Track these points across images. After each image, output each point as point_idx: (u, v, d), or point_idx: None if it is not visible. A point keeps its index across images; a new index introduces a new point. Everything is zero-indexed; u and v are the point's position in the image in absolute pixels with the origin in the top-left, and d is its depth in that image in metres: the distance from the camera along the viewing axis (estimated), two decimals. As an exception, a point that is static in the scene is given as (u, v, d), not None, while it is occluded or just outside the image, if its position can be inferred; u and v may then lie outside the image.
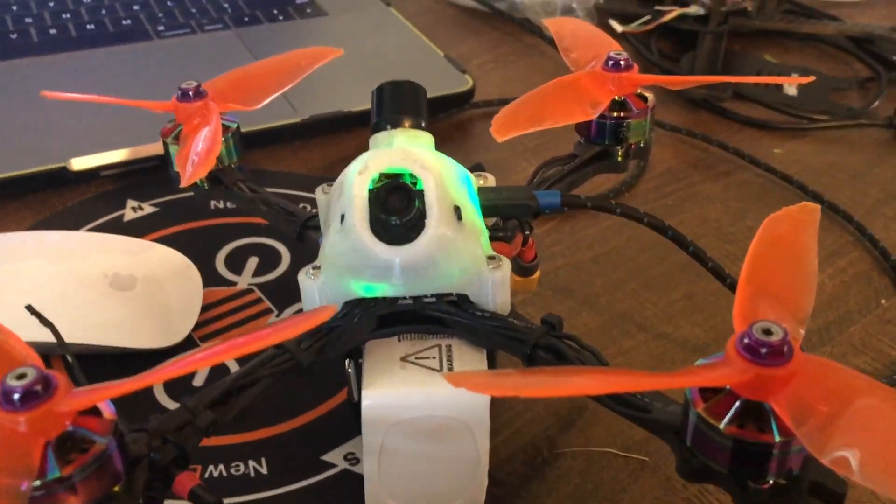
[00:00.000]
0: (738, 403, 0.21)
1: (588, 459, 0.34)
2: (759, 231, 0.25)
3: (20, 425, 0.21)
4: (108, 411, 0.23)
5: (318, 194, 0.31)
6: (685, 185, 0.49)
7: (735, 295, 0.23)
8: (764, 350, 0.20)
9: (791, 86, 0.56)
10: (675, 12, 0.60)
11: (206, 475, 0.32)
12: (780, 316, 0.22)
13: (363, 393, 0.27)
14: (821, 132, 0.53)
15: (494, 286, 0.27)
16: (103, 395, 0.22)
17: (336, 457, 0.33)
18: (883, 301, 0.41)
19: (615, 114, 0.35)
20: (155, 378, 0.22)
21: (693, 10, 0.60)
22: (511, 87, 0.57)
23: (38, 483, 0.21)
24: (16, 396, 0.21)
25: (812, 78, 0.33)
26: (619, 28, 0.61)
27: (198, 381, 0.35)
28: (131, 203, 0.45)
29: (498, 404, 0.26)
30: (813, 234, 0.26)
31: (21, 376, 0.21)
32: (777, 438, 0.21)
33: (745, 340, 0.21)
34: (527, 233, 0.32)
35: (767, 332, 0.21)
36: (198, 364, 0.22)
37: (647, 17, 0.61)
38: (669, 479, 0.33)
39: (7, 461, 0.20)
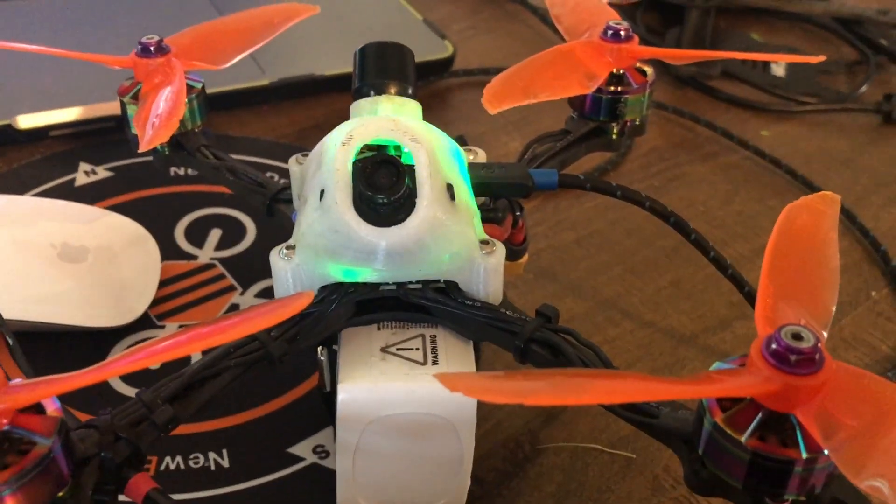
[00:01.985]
0: (760, 414, 0.19)
1: (572, 455, 0.32)
2: (778, 222, 0.23)
3: (-52, 425, 0.18)
4: (52, 407, 0.20)
5: (292, 164, 0.28)
6: (671, 164, 0.47)
7: (756, 293, 0.21)
8: (794, 357, 0.18)
9: (779, 66, 0.54)
10: (662, -16, 0.58)
11: (162, 468, 0.29)
12: (803, 318, 0.20)
13: (339, 386, 0.24)
14: (809, 115, 0.52)
15: (487, 273, 0.25)
16: (47, 392, 0.19)
17: (304, 449, 0.30)
18: (873, 293, 0.40)
19: (612, 88, 0.32)
20: (108, 372, 0.19)
21: (681, -17, 0.58)
22: (492, 55, 0.54)
23: (-32, 491, 0.18)
24: (-57, 393, 0.18)
25: (823, 57, 0.31)
26: (604, -1, 0.58)
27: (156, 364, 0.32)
28: (84, 167, 0.42)
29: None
30: (834, 226, 0.24)
31: (-50, 369, 0.18)
32: (804, 455, 0.19)
33: (773, 346, 0.19)
34: (518, 214, 0.29)
35: (797, 337, 0.19)
36: (158, 357, 0.19)
37: (634, -11, 0.58)
38: (657, 478, 0.31)
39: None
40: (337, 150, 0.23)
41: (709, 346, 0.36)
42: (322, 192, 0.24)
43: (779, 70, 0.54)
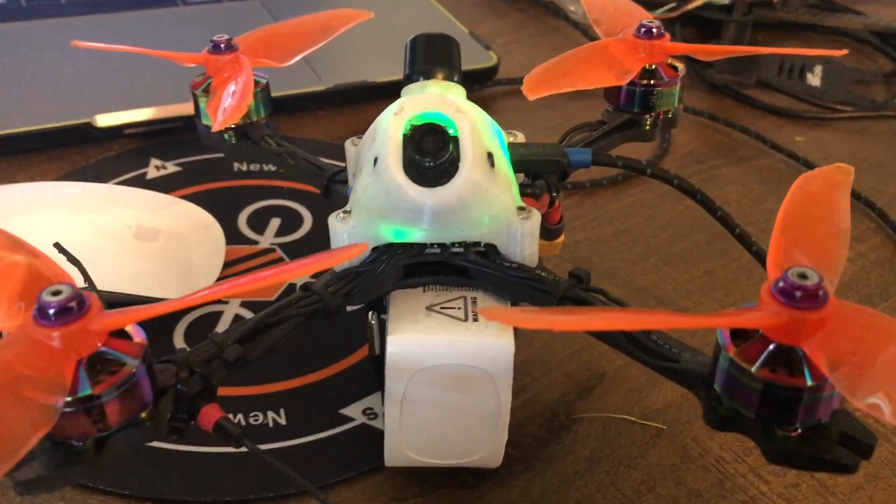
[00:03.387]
0: (770, 347, 0.21)
1: (605, 425, 0.34)
2: (793, 188, 0.25)
3: (54, 340, 0.21)
4: (138, 336, 0.23)
5: (348, 146, 0.31)
6: (707, 167, 0.49)
7: (767, 248, 0.23)
8: (799, 293, 0.20)
9: (815, 76, 0.56)
10: (700, 0, 0.60)
11: (225, 423, 0.32)
12: (813, 265, 0.22)
13: (388, 339, 0.27)
14: (843, 122, 0.53)
15: (524, 237, 0.27)
16: (136, 317, 0.22)
17: (354, 411, 0.33)
18: (903, 286, 0.41)
19: (645, 81, 0.35)
20: (186, 302, 0.22)
21: (718, -2, 0.60)
22: (534, 66, 0.56)
23: (69, 399, 0.21)
24: (51, 311, 0.21)
25: (845, 51, 0.33)
26: (643, 14, 0.61)
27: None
28: (155, 162, 0.45)
29: (517, 368, 0.26)
30: (846, 194, 0.25)
31: (56, 293, 0.21)
32: (809, 382, 0.21)
33: (780, 284, 0.21)
34: (554, 194, 0.31)
35: (803, 276, 0.21)
36: (236, 290, 0.22)
37: (673, 5, 0.61)
38: (686, 447, 0.33)
39: (40, 376, 0.20)
40: (390, 121, 0.26)
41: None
42: (376, 159, 0.27)
43: (814, 80, 0.56)
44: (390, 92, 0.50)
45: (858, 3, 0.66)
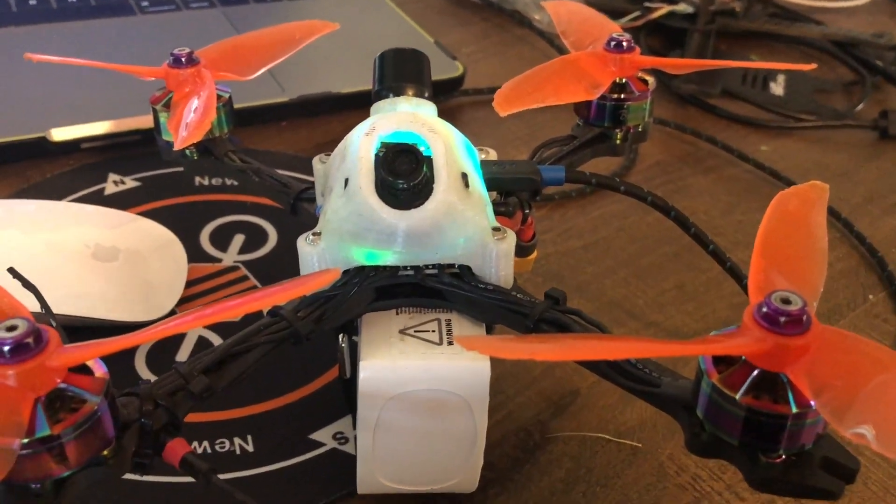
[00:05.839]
0: (754, 373, 0.21)
1: (581, 444, 0.33)
2: (770, 207, 0.25)
3: (9, 379, 0.20)
4: (100, 371, 0.22)
5: (316, 164, 0.30)
6: (674, 178, 0.49)
7: (748, 271, 0.23)
8: (783, 319, 0.20)
9: (778, 85, 0.56)
10: (663, 9, 0.60)
11: (190, 451, 0.31)
12: (794, 288, 0.21)
13: (361, 364, 0.26)
14: (807, 132, 0.54)
15: (499, 258, 0.26)
16: (96, 352, 0.21)
17: (325, 436, 0.32)
18: (871, 296, 0.42)
19: (615, 95, 0.34)
20: (149, 335, 0.21)
21: (682, 7, 0.60)
22: (500, 76, 0.55)
23: (26, 441, 0.20)
24: (6, 349, 0.20)
25: (813, 65, 0.33)
26: (608, 23, 0.61)
27: (182, 356, 0.34)
28: (113, 177, 0.44)
29: (490, 386, 0.26)
30: (822, 212, 0.25)
31: (11, 328, 0.20)
32: (794, 409, 0.20)
33: (764, 309, 0.20)
34: (527, 211, 0.31)
35: (786, 301, 0.20)
36: (202, 321, 0.21)
37: (637, 14, 0.61)
38: (662, 466, 0.32)
39: (-6, 417, 0.19)
40: (361, 141, 0.25)
41: (711, 344, 0.38)
42: (346, 180, 0.26)
43: (777, 89, 0.56)
44: (355, 103, 0.50)
45: (818, 14, 0.67)
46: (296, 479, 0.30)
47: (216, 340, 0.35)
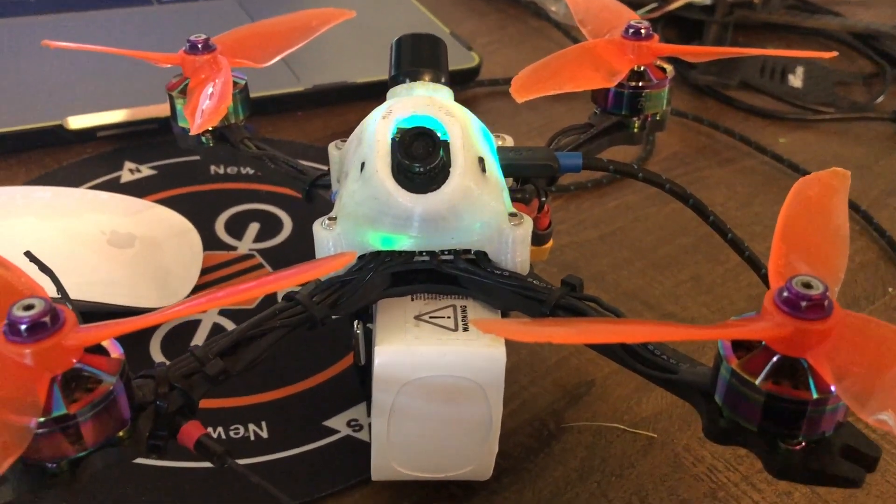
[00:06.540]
0: (775, 358, 0.20)
1: (595, 434, 0.33)
2: (791, 193, 0.25)
3: (26, 357, 0.20)
4: (116, 351, 0.22)
5: (331, 150, 0.30)
6: (692, 169, 0.49)
7: (766, 262, 0.23)
8: (804, 303, 0.20)
9: (796, 77, 0.56)
10: (681, 1, 0.60)
11: (205, 436, 0.31)
12: (815, 273, 0.21)
13: (376, 349, 0.26)
14: (825, 124, 0.53)
15: (515, 243, 0.26)
16: (113, 332, 0.21)
17: (339, 423, 0.32)
18: (890, 289, 0.41)
19: (633, 83, 0.34)
20: (164, 316, 0.21)
21: (699, -1, 0.60)
22: (516, 67, 0.55)
23: (42, 420, 0.20)
24: (22, 327, 0.20)
25: (834, 53, 0.32)
26: (625, 15, 0.60)
27: (197, 342, 0.34)
28: (129, 165, 0.44)
29: (505, 376, 0.25)
30: (844, 199, 0.25)
31: (28, 307, 0.20)
32: (814, 395, 0.20)
33: (785, 294, 0.20)
34: (543, 199, 0.31)
35: (807, 285, 0.20)
36: (215, 303, 0.21)
37: (654, 5, 0.60)
38: (678, 456, 0.32)
39: (11, 396, 0.19)
40: (377, 124, 0.25)
41: (728, 335, 0.38)
42: (363, 164, 0.26)
43: (796, 81, 0.56)
44: (370, 93, 0.50)
45: (837, 5, 0.66)
46: (310, 465, 0.30)
47: (231, 327, 0.35)
